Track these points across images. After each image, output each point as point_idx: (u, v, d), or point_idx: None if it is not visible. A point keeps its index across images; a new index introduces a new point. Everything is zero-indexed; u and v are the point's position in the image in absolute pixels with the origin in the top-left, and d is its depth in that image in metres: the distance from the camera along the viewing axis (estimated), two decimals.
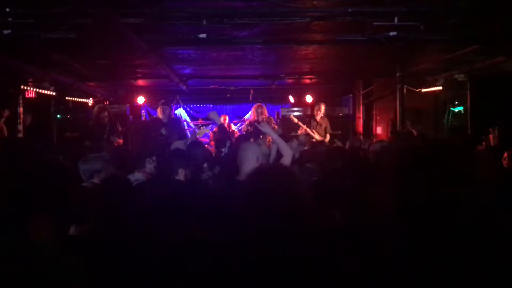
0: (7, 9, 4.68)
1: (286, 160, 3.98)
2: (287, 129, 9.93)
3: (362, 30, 5.51)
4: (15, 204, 2.07)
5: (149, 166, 4.11)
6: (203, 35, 5.55)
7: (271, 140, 6.80)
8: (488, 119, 7.23)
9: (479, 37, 5.95)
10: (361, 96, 11.39)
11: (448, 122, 9.44)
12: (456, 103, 9.30)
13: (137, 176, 4.04)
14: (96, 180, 3.64)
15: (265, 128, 4.74)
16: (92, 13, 4.72)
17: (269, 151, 4.81)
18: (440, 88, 9.32)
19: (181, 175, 3.65)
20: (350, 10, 4.94)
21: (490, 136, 6.73)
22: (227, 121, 11.76)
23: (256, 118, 8.60)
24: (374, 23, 5.21)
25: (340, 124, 10.84)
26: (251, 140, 5.95)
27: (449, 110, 9.42)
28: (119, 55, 7.41)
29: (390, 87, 9.80)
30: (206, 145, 10.36)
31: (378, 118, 11.47)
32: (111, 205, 2.60)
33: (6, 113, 7.98)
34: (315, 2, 4.85)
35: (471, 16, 5.10)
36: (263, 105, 9.20)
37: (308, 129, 9.27)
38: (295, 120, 9.57)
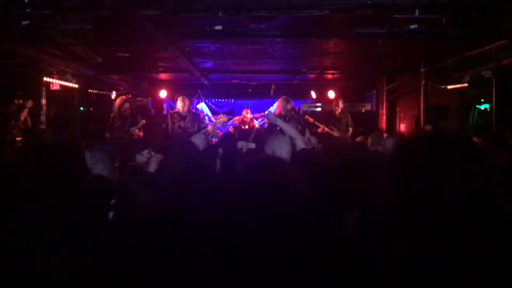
0: (26, 0, 4.73)
1: (299, 143, 4.03)
2: (308, 125, 9.83)
3: (382, 23, 5.40)
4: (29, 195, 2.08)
5: (140, 159, 4.04)
6: (218, 27, 5.51)
7: None
8: None
9: (505, 32, 5.74)
10: (384, 92, 11.21)
11: (474, 120, 9.18)
12: (482, 100, 9.03)
13: None
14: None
15: (270, 117, 4.85)
16: (109, 4, 4.75)
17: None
18: (466, 85, 9.07)
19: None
20: (369, 2, 4.85)
21: None
22: (249, 115, 11.72)
23: (280, 112, 8.38)
24: (394, 16, 5.09)
25: (363, 121, 10.71)
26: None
27: (475, 108, 9.16)
28: (138, 48, 7.45)
29: (415, 83, 9.60)
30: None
31: (402, 115, 11.28)
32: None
33: (30, 104, 8.14)
34: None
35: (496, 9, 4.92)
36: (289, 99, 8.88)
37: (326, 128, 9.13)
38: (311, 119, 9.43)
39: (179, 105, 8.39)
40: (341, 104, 9.41)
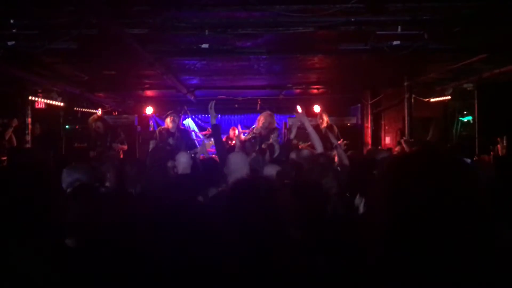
0: (12, 21, 4.73)
1: (319, 149, 4.22)
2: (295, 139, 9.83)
3: (366, 39, 5.49)
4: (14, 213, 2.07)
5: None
6: (205, 45, 5.57)
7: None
8: (496, 129, 7.14)
9: (485, 46, 5.88)
10: (369, 106, 11.34)
11: (457, 131, 9.34)
12: (465, 112, 9.21)
13: None
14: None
15: (302, 117, 5.01)
16: (96, 23, 4.76)
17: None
18: (449, 97, 9.25)
19: None
20: (353, 19, 4.93)
21: (498, 146, 6.64)
22: (237, 133, 11.71)
23: (260, 125, 8.17)
24: (378, 32, 5.18)
25: (348, 134, 10.78)
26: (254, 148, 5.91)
27: (458, 120, 9.33)
28: (125, 65, 7.47)
29: (399, 96, 9.76)
30: (214, 155, 10.35)
31: (386, 128, 11.40)
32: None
33: (15, 122, 8.08)
34: (318, 12, 4.83)
35: (476, 24, 5.04)
36: (272, 114, 8.69)
37: (303, 145, 9.00)
38: (295, 141, 9.27)
39: (169, 123, 8.37)
40: (325, 118, 9.24)
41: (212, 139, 11.48)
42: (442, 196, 1.43)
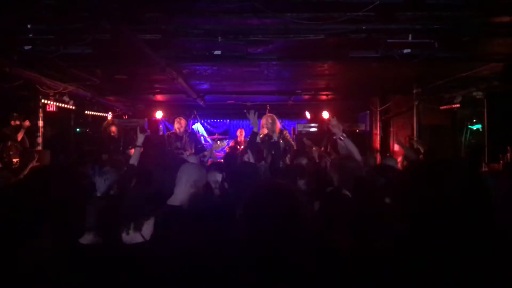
0: (29, 26, 4.83)
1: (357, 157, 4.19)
2: (302, 145, 9.86)
3: (376, 47, 5.52)
4: (31, 213, 2.13)
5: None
6: (217, 52, 5.63)
7: None
8: (506, 137, 7.13)
9: (494, 55, 5.89)
10: (378, 113, 11.34)
11: (466, 139, 9.32)
12: (474, 120, 9.19)
13: None
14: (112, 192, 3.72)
15: (334, 123, 4.77)
16: (110, 29, 4.84)
17: None
18: (458, 105, 9.23)
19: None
20: (363, 27, 4.97)
21: (508, 154, 6.63)
22: (243, 135, 11.77)
23: (265, 128, 8.02)
24: (388, 41, 5.22)
25: (357, 141, 10.77)
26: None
27: (467, 128, 9.31)
28: (137, 70, 7.55)
29: (408, 103, 9.76)
30: (221, 160, 10.40)
31: (395, 135, 11.39)
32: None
33: (27, 123, 8.17)
34: (328, 20, 4.88)
35: (485, 34, 5.07)
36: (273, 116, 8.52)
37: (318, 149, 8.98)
38: (309, 142, 9.36)
39: (176, 126, 8.46)
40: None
41: (220, 142, 11.57)
42: (454, 200, 1.48)
